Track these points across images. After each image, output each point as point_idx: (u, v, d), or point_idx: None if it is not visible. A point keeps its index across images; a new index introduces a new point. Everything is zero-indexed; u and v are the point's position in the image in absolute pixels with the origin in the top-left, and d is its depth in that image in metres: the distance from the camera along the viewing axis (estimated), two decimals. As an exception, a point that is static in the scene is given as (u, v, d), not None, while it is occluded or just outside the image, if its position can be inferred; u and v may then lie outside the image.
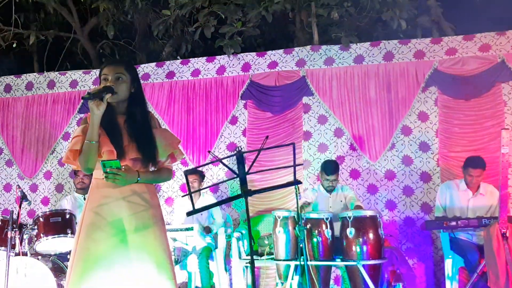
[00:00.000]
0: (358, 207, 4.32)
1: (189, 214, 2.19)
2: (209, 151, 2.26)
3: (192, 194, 5.19)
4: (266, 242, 4.94)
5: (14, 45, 6.39)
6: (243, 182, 2.05)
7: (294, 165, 2.10)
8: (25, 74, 6.51)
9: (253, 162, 2.11)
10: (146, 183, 2.32)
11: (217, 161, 2.19)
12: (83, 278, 2.13)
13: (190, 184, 4.89)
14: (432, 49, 5.40)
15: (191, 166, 5.56)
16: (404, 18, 5.69)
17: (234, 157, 2.16)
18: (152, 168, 2.36)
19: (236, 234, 4.93)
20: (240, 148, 2.05)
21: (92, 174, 5.08)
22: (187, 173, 2.40)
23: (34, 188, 6.14)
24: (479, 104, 5.18)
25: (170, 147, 2.35)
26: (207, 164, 2.38)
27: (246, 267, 4.96)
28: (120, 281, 2.13)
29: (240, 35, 5.65)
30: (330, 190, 4.70)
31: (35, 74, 6.49)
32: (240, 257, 4.84)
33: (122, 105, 2.36)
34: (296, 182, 2.05)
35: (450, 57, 5.32)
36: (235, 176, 2.07)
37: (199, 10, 5.47)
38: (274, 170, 5.01)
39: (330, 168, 4.67)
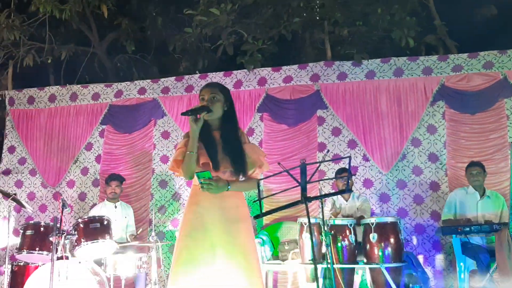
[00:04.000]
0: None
1: (256, 217, 2.48)
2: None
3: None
4: (286, 247, 5.24)
5: (49, 61, 6.65)
6: (304, 190, 2.35)
7: (349, 176, 2.40)
8: (48, 87, 6.77)
9: (314, 173, 2.40)
10: (235, 191, 2.62)
11: (284, 171, 2.46)
12: (183, 270, 2.45)
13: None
14: (439, 66, 5.75)
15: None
16: (412, 36, 6.06)
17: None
18: (241, 178, 2.66)
19: (257, 240, 5.20)
20: (304, 160, 2.32)
21: (120, 185, 5.29)
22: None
23: (57, 196, 6.35)
24: (484, 118, 5.54)
25: (257, 160, 2.66)
26: (276, 174, 2.63)
27: (268, 271, 5.25)
28: (214, 275, 2.42)
29: (258, 51, 5.97)
30: (347, 197, 5.00)
31: (58, 86, 6.75)
32: (262, 262, 5.10)
33: (216, 122, 2.67)
34: (348, 190, 2.34)
35: (456, 73, 5.68)
36: (297, 184, 2.36)
37: (222, 28, 5.79)
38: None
39: (339, 171, 5.04)
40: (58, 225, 4.13)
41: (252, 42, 5.88)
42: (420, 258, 5.35)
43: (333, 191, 5.50)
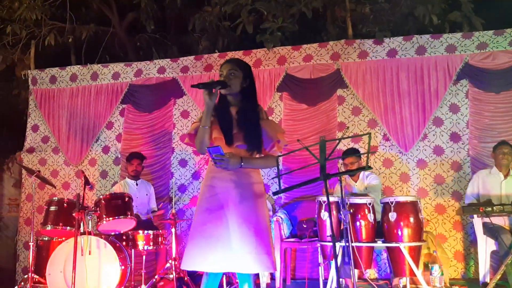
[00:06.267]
0: None
1: (275, 193, 2.49)
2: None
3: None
4: (305, 226, 5.25)
5: (70, 40, 6.72)
6: (323, 167, 2.33)
7: (368, 153, 2.38)
8: (69, 66, 6.85)
9: (333, 150, 2.38)
10: (249, 168, 2.59)
11: (303, 148, 2.45)
12: (195, 243, 2.48)
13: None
14: (463, 43, 5.62)
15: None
16: (436, 14, 5.90)
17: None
18: (257, 155, 2.63)
19: (277, 219, 5.23)
20: (323, 137, 2.29)
21: (142, 163, 5.32)
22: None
23: (79, 174, 6.46)
24: (509, 97, 5.42)
25: (274, 136, 2.61)
26: (294, 151, 2.65)
27: (286, 249, 5.29)
28: (223, 249, 2.43)
29: (278, 30, 5.91)
30: (355, 178, 4.98)
31: (79, 66, 6.81)
32: (281, 240, 5.14)
33: (236, 98, 2.65)
34: (368, 167, 2.33)
35: (481, 51, 5.54)
36: (316, 162, 2.35)
37: (242, 6, 5.74)
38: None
39: (345, 152, 5.02)
40: (81, 201, 4.23)
41: (272, 20, 5.82)
42: (439, 238, 5.31)
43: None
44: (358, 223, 4.10)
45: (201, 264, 2.43)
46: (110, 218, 4.41)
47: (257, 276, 5.09)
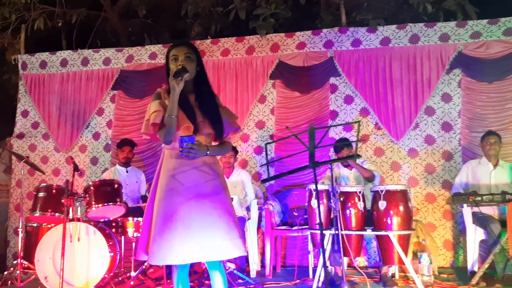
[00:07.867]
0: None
1: (264, 181, 2.47)
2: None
3: (228, 168, 5.46)
4: (296, 214, 5.26)
5: (60, 24, 6.61)
6: (312, 155, 2.31)
7: (357, 141, 2.36)
8: (59, 51, 6.75)
9: (322, 137, 2.36)
10: (213, 155, 2.56)
11: (292, 135, 2.42)
12: (164, 236, 2.35)
13: (227, 159, 5.22)
14: (457, 32, 5.59)
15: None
16: (430, 2, 5.87)
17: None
18: (214, 143, 2.59)
19: (267, 206, 5.22)
20: (313, 125, 2.26)
21: (132, 150, 5.23)
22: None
23: (69, 160, 6.41)
24: (502, 86, 5.42)
25: (234, 124, 2.59)
26: (284, 138, 2.63)
27: (277, 236, 5.29)
28: (197, 239, 2.35)
29: (271, 16, 5.85)
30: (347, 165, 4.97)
31: (69, 51, 6.72)
32: (272, 228, 5.14)
33: (190, 84, 2.55)
34: (357, 155, 2.31)
35: (474, 40, 5.52)
36: (305, 149, 2.33)
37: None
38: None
39: (337, 147, 4.95)
40: (70, 187, 4.19)
41: (265, 7, 5.76)
42: (429, 227, 5.34)
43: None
44: (348, 211, 4.10)
45: (172, 257, 2.34)
46: (99, 205, 4.36)
47: (247, 263, 5.10)
